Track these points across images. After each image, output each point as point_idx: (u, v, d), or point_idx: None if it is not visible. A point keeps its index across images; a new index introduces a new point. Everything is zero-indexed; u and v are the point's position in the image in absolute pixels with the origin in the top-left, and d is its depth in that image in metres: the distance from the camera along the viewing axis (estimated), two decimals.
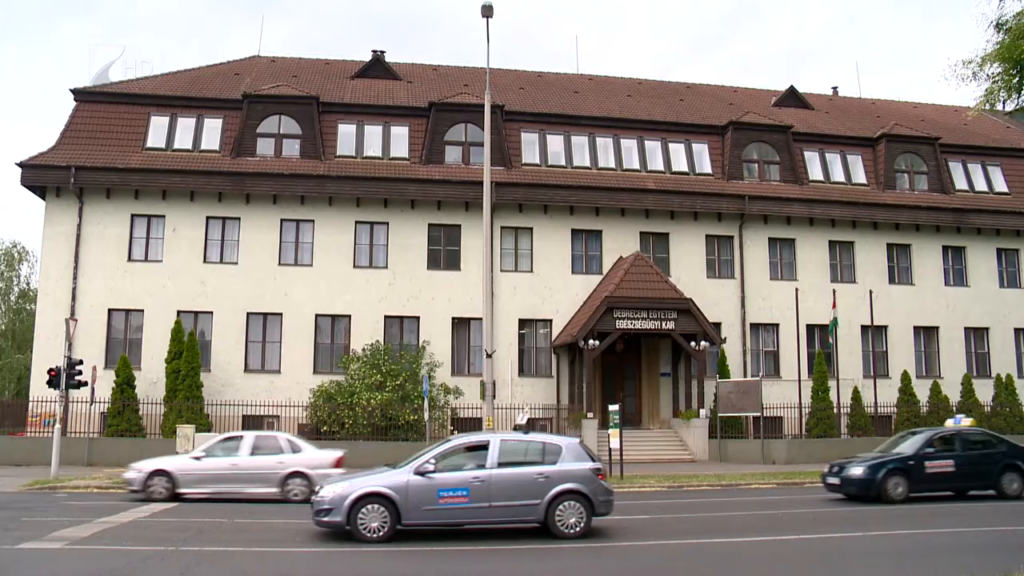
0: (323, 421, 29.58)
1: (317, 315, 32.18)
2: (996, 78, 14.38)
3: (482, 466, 13.84)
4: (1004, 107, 16.11)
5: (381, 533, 13.27)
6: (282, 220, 32.58)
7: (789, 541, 13.65)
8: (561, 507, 13.74)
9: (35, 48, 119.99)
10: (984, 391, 34.74)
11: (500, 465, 13.89)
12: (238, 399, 30.04)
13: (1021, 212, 37.94)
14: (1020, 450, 20.20)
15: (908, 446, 20.06)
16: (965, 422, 25.34)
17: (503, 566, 12.12)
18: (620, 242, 34.29)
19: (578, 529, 13.69)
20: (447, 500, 13.54)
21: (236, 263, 32.07)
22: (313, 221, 32.73)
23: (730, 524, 16.07)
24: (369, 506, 13.38)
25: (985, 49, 14.51)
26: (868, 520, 16.01)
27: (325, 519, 13.58)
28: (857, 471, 19.25)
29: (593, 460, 14.45)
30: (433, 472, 13.64)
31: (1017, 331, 37.73)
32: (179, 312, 31.02)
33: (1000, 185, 38.89)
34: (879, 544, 13.46)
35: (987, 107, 15.44)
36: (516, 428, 15.96)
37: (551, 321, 33.49)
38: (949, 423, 25.02)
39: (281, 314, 31.94)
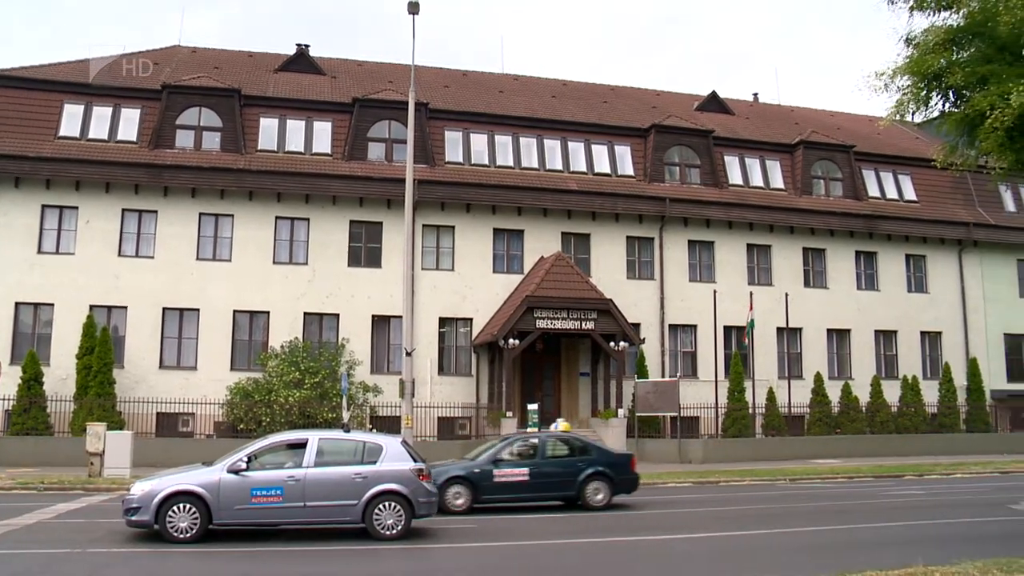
0: (240, 419, 29.22)
1: (235, 311, 31.69)
2: (906, 90, 14.71)
3: (299, 465, 13.62)
4: (913, 118, 16.51)
5: (190, 534, 12.96)
6: (201, 214, 32.00)
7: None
8: (379, 508, 13.60)
9: None
10: (892, 392, 35.82)
11: (318, 464, 13.69)
12: (152, 396, 29.42)
13: (929, 220, 39.20)
14: (610, 458, 19.26)
15: (486, 453, 18.74)
16: (561, 427, 25.97)
17: (309, 568, 12.06)
18: (542, 242, 34.46)
19: (396, 531, 13.57)
20: (260, 499, 13.30)
21: (152, 257, 31.39)
22: (232, 216, 32.22)
23: (592, 525, 16.17)
24: (179, 505, 13.05)
25: (896, 62, 14.81)
26: None
27: (134, 518, 13.20)
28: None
29: (415, 460, 14.29)
30: (247, 470, 13.40)
31: (923, 334, 38.95)
32: (91, 307, 30.19)
33: (910, 193, 40.06)
34: None
35: (898, 118, 15.79)
36: (343, 429, 15.76)
37: (472, 320, 33.52)
38: (552, 428, 25.62)
39: (198, 310, 31.37)
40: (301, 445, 14.01)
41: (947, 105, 14.90)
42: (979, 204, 40.73)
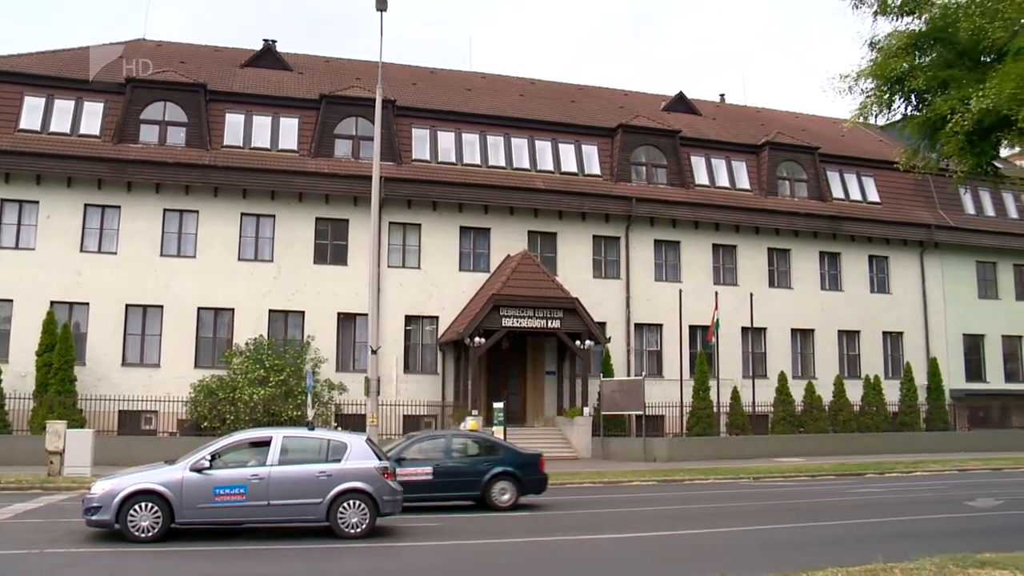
0: (204, 417, 29.00)
1: (199, 308, 31.42)
2: (869, 93, 14.88)
3: (263, 463, 13.52)
4: (877, 121, 16.70)
5: (152, 533, 12.79)
6: (165, 210, 31.67)
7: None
8: (344, 506, 13.50)
9: None
10: (854, 391, 36.25)
11: (282, 462, 13.57)
12: (114, 394, 29.10)
13: (891, 221, 39.71)
14: (518, 458, 18.67)
15: (391, 452, 17.80)
16: (468, 425, 26.11)
17: (272, 567, 11.98)
18: (508, 240, 34.49)
19: (361, 529, 13.48)
20: (224, 498, 13.16)
21: (115, 253, 31.03)
22: (197, 212, 31.94)
23: (562, 523, 16.17)
24: (140, 504, 12.86)
25: (860, 66, 14.98)
26: None
27: (94, 518, 12.97)
28: None
29: (380, 459, 14.23)
30: (210, 468, 13.26)
31: (885, 334, 39.47)
32: (52, 303, 29.76)
33: (873, 195, 40.54)
34: None
35: (861, 120, 15.97)
36: (307, 427, 15.65)
37: (438, 318, 33.48)
38: (462, 426, 25.68)
39: (162, 306, 31.07)
40: (265, 443, 13.89)
41: (909, 108, 15.10)
42: (940, 206, 41.30)
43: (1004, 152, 15.28)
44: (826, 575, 9.76)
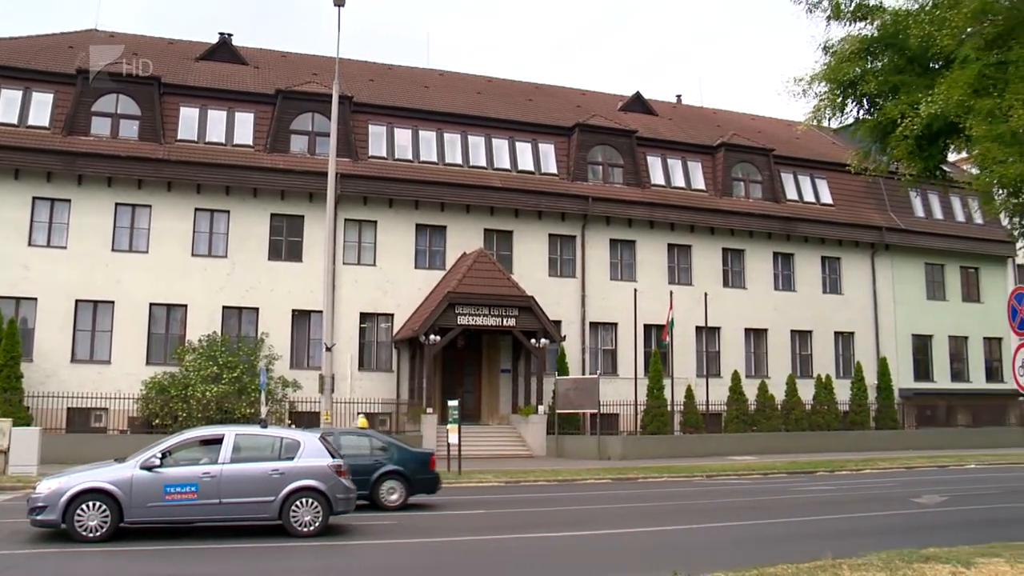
0: (155, 414, 28.63)
1: (152, 304, 31.02)
2: (823, 97, 15.06)
3: (214, 461, 13.36)
4: (830, 124, 16.91)
5: (100, 532, 12.56)
6: (117, 204, 31.21)
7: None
8: (296, 504, 13.39)
9: None
10: (806, 390, 36.77)
11: (234, 460, 13.43)
12: (63, 391, 28.61)
13: (844, 223, 40.31)
14: (408, 456, 18.29)
15: None
16: (359, 423, 26.19)
17: (222, 567, 11.87)
18: (464, 238, 34.47)
19: (314, 528, 13.37)
20: (174, 496, 12.98)
21: (65, 247, 30.50)
22: (150, 206, 31.51)
23: (518, 521, 16.20)
24: (88, 503, 12.61)
25: (814, 69, 15.14)
26: None
27: (39, 517, 12.66)
28: None
29: (333, 456, 14.13)
30: (160, 467, 13.06)
31: (837, 334, 40.05)
32: None
33: (826, 197, 41.09)
34: None
35: (815, 123, 16.14)
36: (259, 424, 15.50)
37: (393, 316, 33.38)
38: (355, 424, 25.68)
39: (113, 302, 30.62)
40: (217, 441, 13.72)
41: (861, 112, 15.31)
42: (891, 208, 41.98)
43: (952, 157, 15.54)
44: (777, 571, 9.88)
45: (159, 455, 13.20)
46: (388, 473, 17.72)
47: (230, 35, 38.13)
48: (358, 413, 29.10)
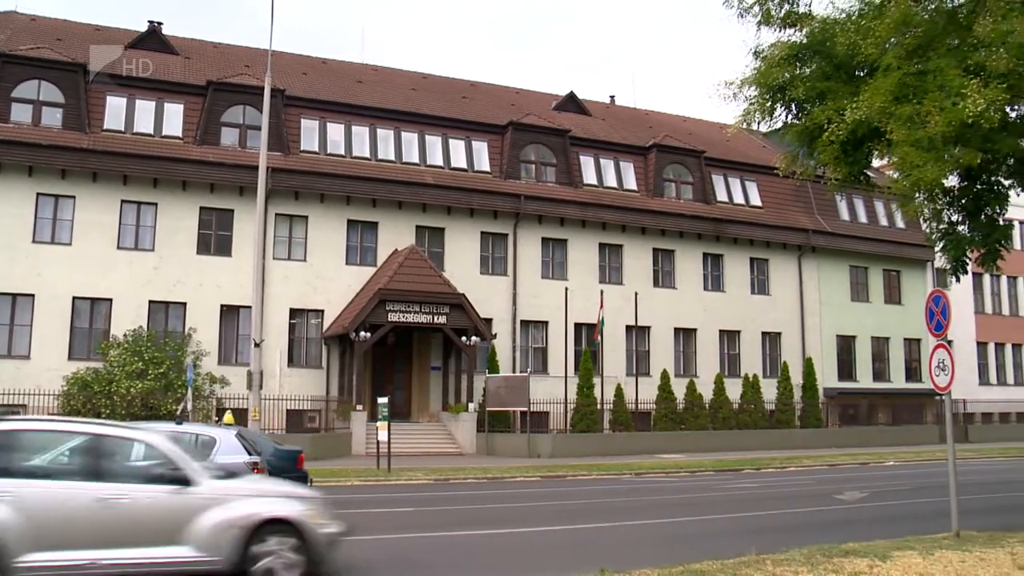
0: (77, 411, 27.86)
1: (75, 297, 30.23)
2: (753, 100, 15.33)
3: None
4: (759, 127, 17.22)
5: None
6: (38, 194, 30.29)
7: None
8: None
9: None
10: (734, 389, 37.37)
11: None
12: None
13: (772, 225, 41.04)
14: (280, 454, 17.45)
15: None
16: (225, 419, 25.97)
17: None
18: (396, 235, 34.30)
19: None
20: None
21: None
22: (74, 197, 30.68)
23: (447, 519, 16.20)
24: None
25: (745, 73, 15.42)
26: None
27: None
28: None
29: (250, 454, 13.92)
30: None
31: (764, 334, 40.75)
32: None
33: (755, 199, 41.79)
34: None
35: (745, 126, 16.44)
36: (175, 421, 15.23)
37: (323, 312, 33.08)
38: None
39: (33, 295, 29.75)
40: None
41: (790, 117, 15.64)
42: (818, 212, 42.85)
43: (876, 162, 15.95)
44: (703, 567, 10.03)
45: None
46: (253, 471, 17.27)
47: (160, 24, 37.27)
48: (225, 409, 28.32)
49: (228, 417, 25.02)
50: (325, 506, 10.14)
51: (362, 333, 29.90)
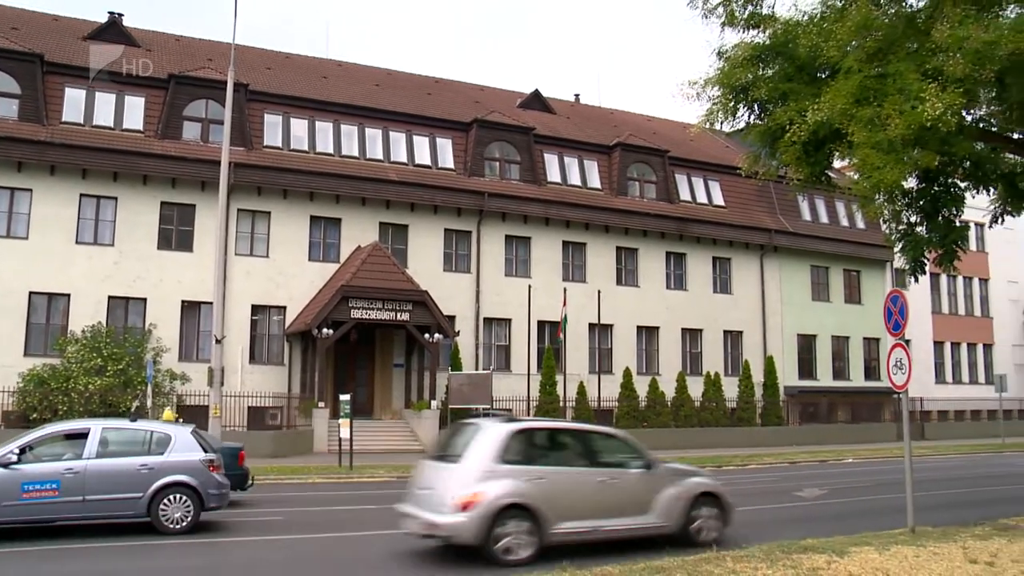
0: (33, 408, 27.44)
1: (31, 292, 29.73)
2: (716, 100, 15.45)
3: (79, 456, 12.95)
4: (722, 127, 17.35)
5: None
6: None
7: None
8: (166, 501, 13.13)
9: None
10: (696, 387, 37.66)
11: (100, 455, 13.06)
12: None
13: (735, 225, 41.34)
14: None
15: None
16: (164, 415, 26.02)
17: (85, 566, 11.48)
18: (359, 231, 34.13)
19: (184, 524, 13.14)
20: (33, 495, 12.51)
21: None
22: (31, 190, 30.16)
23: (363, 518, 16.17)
24: None
25: (708, 73, 15.54)
26: None
27: None
28: None
29: (206, 451, 13.87)
30: (17, 463, 12.58)
31: (726, 333, 41.05)
32: None
33: (718, 199, 42.07)
34: None
35: (708, 126, 16.57)
36: (129, 418, 15.13)
37: (285, 308, 32.85)
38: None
39: None
40: (82, 435, 13.26)
41: (752, 117, 15.78)
42: (780, 212, 43.23)
43: (837, 163, 16.14)
44: (664, 564, 10.12)
45: (16, 451, 12.66)
46: None
47: (121, 15, 36.73)
48: (163, 406, 28.05)
49: (167, 414, 24.66)
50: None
51: (325, 330, 29.74)
